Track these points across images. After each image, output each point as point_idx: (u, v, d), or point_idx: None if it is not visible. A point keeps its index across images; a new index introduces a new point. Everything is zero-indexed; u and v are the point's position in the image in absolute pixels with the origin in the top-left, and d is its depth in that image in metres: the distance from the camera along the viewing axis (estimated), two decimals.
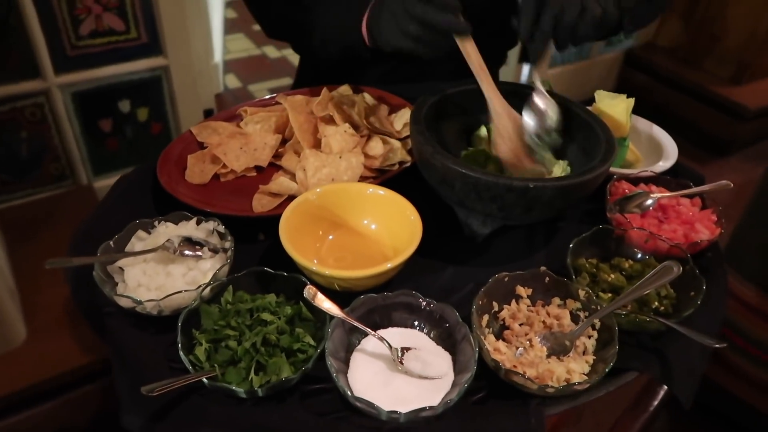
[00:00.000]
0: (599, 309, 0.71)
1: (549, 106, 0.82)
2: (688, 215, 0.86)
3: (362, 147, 0.93)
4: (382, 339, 0.67)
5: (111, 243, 0.75)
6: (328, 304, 0.67)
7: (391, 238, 0.82)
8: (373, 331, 0.68)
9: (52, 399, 1.48)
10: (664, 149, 1.00)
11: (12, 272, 1.64)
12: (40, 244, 1.72)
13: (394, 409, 0.60)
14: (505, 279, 0.74)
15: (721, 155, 2.84)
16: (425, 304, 0.71)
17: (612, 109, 0.95)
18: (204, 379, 0.62)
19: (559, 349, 0.70)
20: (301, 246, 0.75)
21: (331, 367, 0.63)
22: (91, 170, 2.04)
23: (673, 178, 0.92)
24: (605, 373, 0.65)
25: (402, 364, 0.66)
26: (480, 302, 0.71)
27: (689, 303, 0.73)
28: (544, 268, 0.75)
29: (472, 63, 0.81)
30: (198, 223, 0.80)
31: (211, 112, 2.70)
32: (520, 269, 0.75)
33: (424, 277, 0.80)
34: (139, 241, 0.78)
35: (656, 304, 0.75)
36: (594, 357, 0.69)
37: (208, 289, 0.70)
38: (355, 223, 0.84)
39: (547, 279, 0.75)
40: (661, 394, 1.29)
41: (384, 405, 0.60)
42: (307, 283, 0.69)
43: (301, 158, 0.90)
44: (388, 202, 0.82)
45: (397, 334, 0.70)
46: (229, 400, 0.63)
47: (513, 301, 0.75)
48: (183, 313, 0.67)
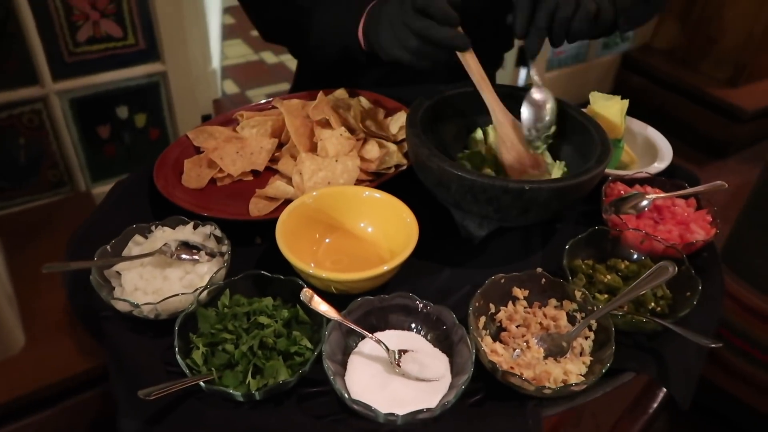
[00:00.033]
0: (596, 310, 0.71)
1: (547, 99, 0.83)
2: (684, 216, 0.87)
3: (358, 150, 0.94)
4: (379, 341, 0.67)
5: (108, 247, 0.75)
6: (325, 307, 0.67)
7: (388, 240, 0.82)
8: (370, 334, 0.68)
9: (51, 406, 1.48)
10: (659, 150, 1.00)
11: (10, 278, 1.64)
12: (38, 250, 1.72)
13: (391, 412, 0.60)
14: (502, 280, 0.74)
15: (718, 157, 2.85)
16: (422, 306, 0.71)
17: (606, 111, 0.95)
18: (201, 383, 0.62)
19: (556, 351, 0.70)
20: (298, 249, 0.76)
21: (328, 369, 0.63)
22: (89, 176, 2.04)
23: (668, 179, 0.92)
24: (602, 374, 0.65)
25: (399, 366, 0.66)
26: (476, 304, 0.71)
27: (685, 303, 0.73)
28: (540, 270, 0.76)
29: (473, 74, 0.81)
30: (195, 227, 0.80)
31: (209, 118, 2.70)
32: (517, 271, 0.75)
33: (421, 280, 0.80)
34: (136, 246, 0.78)
35: (652, 304, 0.75)
36: (591, 358, 0.70)
37: (205, 293, 0.70)
38: (351, 226, 0.84)
39: (544, 280, 0.76)
40: (661, 395, 1.29)
41: (381, 407, 0.60)
42: (304, 286, 0.69)
43: (297, 162, 0.90)
44: (384, 205, 0.82)
45: (394, 337, 0.70)
46: (226, 404, 0.64)
47: (510, 303, 0.75)
48: (180, 316, 0.67)
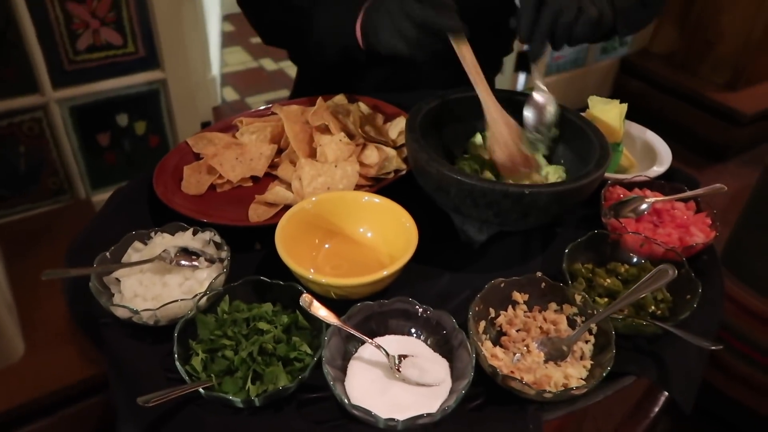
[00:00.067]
0: (596, 313, 0.71)
1: (548, 102, 0.85)
2: (683, 219, 0.87)
3: (358, 156, 0.94)
4: (379, 347, 0.67)
5: (107, 254, 0.75)
6: (324, 312, 0.67)
7: (387, 245, 0.82)
8: (369, 339, 0.68)
9: (51, 414, 1.47)
10: (658, 154, 1.01)
11: (10, 287, 1.64)
12: (38, 258, 1.72)
13: (391, 417, 0.60)
14: (501, 285, 0.74)
15: (718, 160, 2.85)
16: (422, 311, 0.71)
17: (605, 115, 0.95)
18: (200, 389, 0.62)
19: (556, 355, 0.70)
20: (298, 255, 0.76)
21: (328, 375, 0.63)
22: (89, 184, 2.04)
23: (667, 182, 0.92)
24: (603, 378, 0.65)
25: (399, 371, 0.66)
26: (476, 308, 0.71)
27: (686, 306, 0.73)
28: (540, 274, 0.75)
29: (467, 65, 0.81)
30: (194, 234, 0.80)
31: (208, 125, 2.71)
32: (517, 275, 0.75)
33: (421, 284, 0.80)
34: (136, 252, 0.78)
35: (653, 307, 0.75)
36: (591, 362, 0.69)
37: (205, 299, 0.70)
38: (351, 231, 0.84)
39: (543, 284, 0.75)
40: (662, 399, 1.29)
41: (381, 413, 0.60)
42: (303, 292, 0.69)
43: (296, 167, 0.90)
44: (383, 210, 0.82)
45: (394, 342, 0.70)
46: (226, 410, 0.63)
47: (509, 307, 0.75)
48: (179, 323, 0.67)
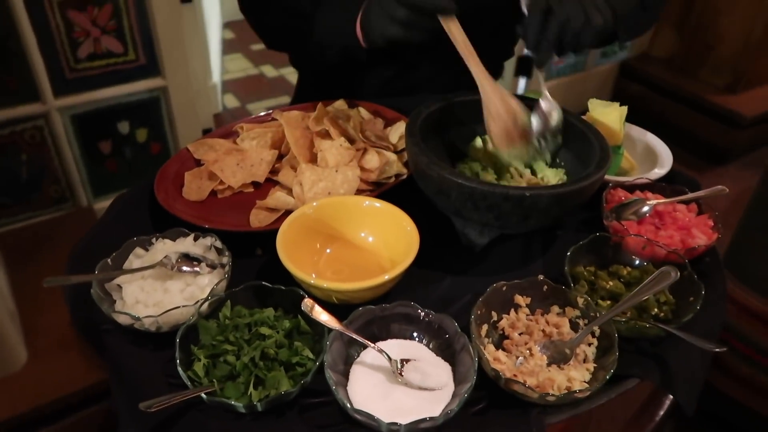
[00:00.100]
0: (598, 316, 0.71)
1: (553, 109, 0.85)
2: (685, 221, 0.86)
3: (358, 160, 0.94)
4: (381, 351, 0.67)
5: (109, 261, 0.75)
6: (326, 317, 0.67)
7: (389, 249, 0.82)
8: (371, 343, 0.67)
9: (53, 422, 1.47)
10: (658, 156, 1.00)
11: (12, 295, 1.64)
12: (40, 266, 1.72)
13: (394, 421, 0.60)
14: (503, 288, 0.74)
15: (719, 164, 2.85)
16: (423, 314, 0.71)
17: (605, 117, 0.95)
18: (202, 395, 0.62)
19: (559, 358, 0.70)
20: (299, 260, 0.75)
21: (330, 379, 0.62)
22: (90, 192, 2.04)
23: (668, 184, 0.92)
24: (606, 381, 0.65)
25: (401, 375, 0.66)
26: (478, 312, 0.71)
27: (688, 308, 0.73)
28: (541, 277, 0.75)
29: (458, 43, 0.82)
30: (195, 239, 0.80)
31: (209, 132, 2.72)
32: (518, 278, 0.75)
33: (423, 289, 0.80)
34: (137, 259, 0.78)
35: (656, 310, 0.75)
36: (594, 364, 0.69)
37: (206, 305, 0.70)
38: (352, 236, 0.84)
39: (546, 287, 0.75)
40: (667, 403, 1.28)
41: (384, 417, 0.60)
42: (305, 296, 0.69)
43: (297, 173, 0.91)
44: (384, 214, 0.82)
45: (396, 346, 0.70)
46: (228, 415, 0.63)
47: (512, 311, 0.75)
48: (181, 328, 0.67)
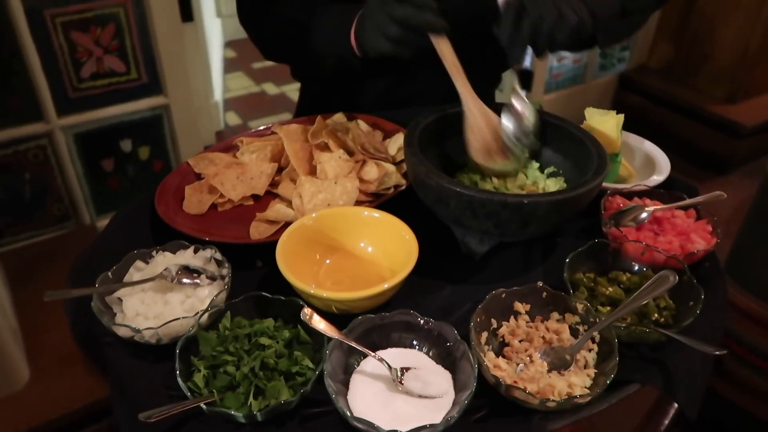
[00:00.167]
0: (598, 322, 0.70)
1: (526, 109, 0.86)
2: (684, 226, 0.86)
3: (357, 172, 0.94)
4: (381, 360, 0.67)
5: (109, 274, 0.75)
6: (325, 326, 0.67)
7: (388, 259, 0.82)
8: (371, 352, 0.67)
9: None
10: (656, 163, 1.01)
11: (15, 313, 1.64)
12: (43, 284, 1.72)
13: (394, 429, 0.60)
14: (503, 295, 0.74)
15: (719, 173, 2.86)
16: (423, 322, 0.71)
17: (602, 126, 0.96)
18: (202, 405, 0.61)
19: (559, 364, 0.69)
20: (299, 271, 0.76)
21: (330, 388, 0.62)
22: (93, 209, 2.05)
23: (666, 191, 0.93)
24: (607, 386, 0.64)
25: (402, 384, 0.66)
26: (478, 319, 0.71)
27: (688, 313, 0.73)
28: (541, 283, 0.75)
29: (446, 60, 0.84)
30: (195, 252, 0.81)
31: None
32: (518, 286, 0.75)
33: (422, 298, 0.80)
34: (137, 272, 0.78)
35: (656, 315, 0.75)
36: (595, 370, 0.69)
37: (206, 316, 0.70)
38: (351, 247, 0.85)
39: (545, 294, 0.75)
40: (671, 412, 1.27)
41: (384, 425, 0.60)
42: (304, 306, 0.69)
43: (297, 185, 0.91)
44: (383, 224, 0.83)
45: (396, 354, 0.70)
46: (228, 426, 0.63)
47: (511, 318, 0.75)
48: (181, 340, 0.67)
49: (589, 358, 0.70)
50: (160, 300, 0.74)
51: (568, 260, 0.79)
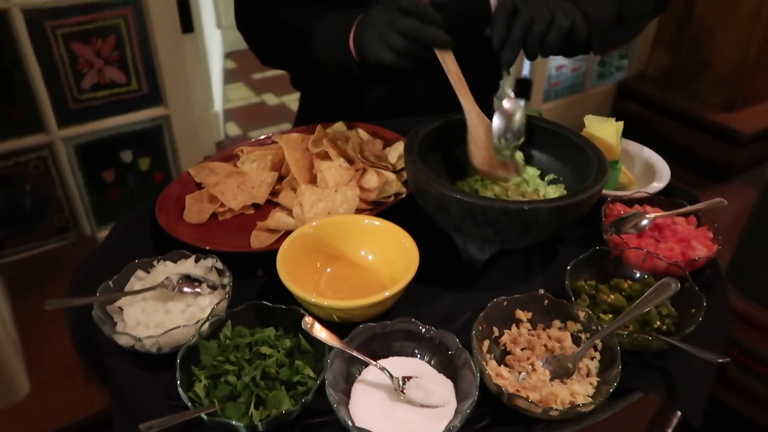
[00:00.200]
0: (600, 330, 0.70)
1: (516, 109, 0.86)
2: (685, 233, 0.86)
3: (358, 180, 0.94)
4: (382, 368, 0.67)
5: (110, 283, 0.75)
6: (325, 334, 0.67)
7: (389, 267, 0.82)
8: (373, 361, 0.67)
9: None
10: (656, 170, 1.01)
11: (15, 324, 1.64)
12: (43, 296, 1.71)
13: None
14: (504, 303, 0.74)
15: (719, 181, 2.86)
16: (424, 331, 0.70)
17: (602, 133, 0.96)
18: (203, 415, 0.61)
19: (562, 372, 0.69)
20: (300, 279, 0.76)
21: (331, 397, 0.62)
22: (94, 221, 2.05)
23: (667, 198, 0.93)
24: (609, 394, 0.64)
25: (403, 393, 0.65)
26: (480, 327, 0.70)
27: (691, 320, 0.73)
28: (542, 291, 0.75)
29: (451, 74, 0.85)
30: (196, 261, 0.80)
31: None
32: (519, 293, 0.75)
33: (423, 306, 0.80)
34: (138, 281, 0.78)
35: (658, 323, 0.75)
36: (598, 378, 0.69)
37: (207, 325, 0.70)
38: (352, 255, 0.85)
39: (547, 302, 0.75)
40: (675, 421, 1.26)
41: None
42: (305, 315, 0.69)
43: (297, 194, 0.91)
44: (384, 233, 0.83)
45: (398, 363, 0.69)
46: None
47: (513, 326, 0.74)
48: (182, 349, 0.67)
49: (592, 366, 0.70)
50: (161, 309, 0.74)
51: (569, 268, 0.79)
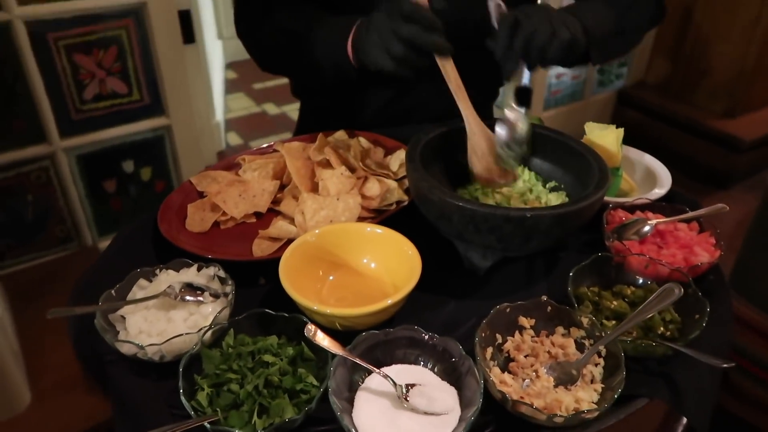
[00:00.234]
0: (604, 336, 0.70)
1: (519, 119, 0.86)
2: (687, 239, 0.86)
3: (359, 188, 0.95)
4: (386, 376, 0.67)
5: (112, 292, 0.75)
6: (329, 342, 0.67)
7: (391, 275, 0.82)
8: (376, 369, 0.67)
9: None
10: (657, 177, 1.01)
11: (17, 335, 1.63)
12: (45, 306, 1.71)
13: None
14: (507, 310, 0.74)
15: (720, 188, 2.86)
16: (428, 338, 0.70)
17: (602, 140, 0.96)
18: (206, 424, 0.61)
19: (566, 379, 0.69)
20: (302, 287, 0.75)
21: (334, 405, 0.62)
22: (95, 231, 2.06)
23: (668, 204, 0.93)
24: (614, 401, 0.64)
25: (407, 400, 0.65)
26: (483, 334, 0.70)
27: (694, 326, 0.72)
28: (545, 297, 0.75)
29: (450, 82, 0.85)
30: (199, 270, 0.80)
31: None
32: (522, 300, 0.75)
33: (426, 314, 0.79)
34: (141, 290, 0.78)
35: (662, 329, 0.74)
36: (602, 385, 0.68)
37: (210, 333, 0.70)
38: (354, 263, 0.84)
39: (550, 308, 0.75)
40: (680, 429, 1.25)
41: None
42: (308, 323, 0.69)
43: (299, 202, 0.91)
44: (386, 240, 0.83)
45: (401, 371, 0.69)
46: None
47: (516, 333, 0.74)
48: (184, 357, 0.66)
49: (596, 372, 0.70)
50: (164, 317, 0.74)
51: (571, 274, 0.79)
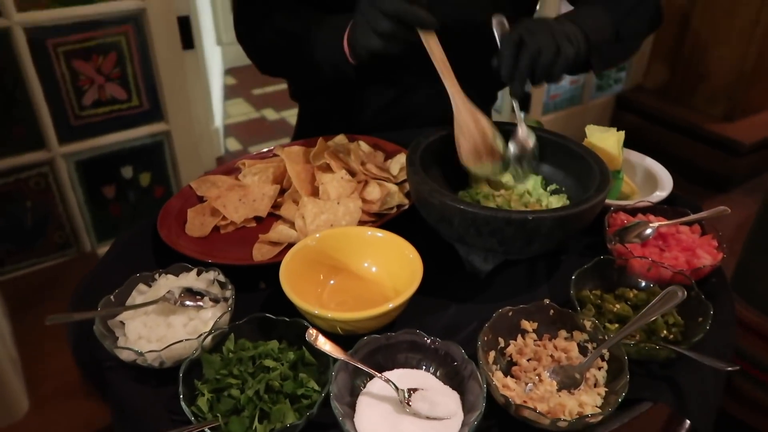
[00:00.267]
0: (607, 339, 0.70)
1: (529, 136, 0.89)
2: (689, 242, 0.86)
3: (360, 192, 0.94)
4: (387, 381, 0.66)
5: (111, 297, 0.75)
6: (330, 347, 0.66)
7: (392, 279, 0.82)
8: (378, 373, 0.66)
9: None
10: (658, 180, 1.01)
11: (15, 342, 1.63)
12: (44, 313, 1.71)
13: None
14: (510, 313, 0.73)
15: (720, 191, 2.86)
16: (429, 342, 0.70)
17: (603, 143, 0.96)
18: (207, 430, 0.60)
19: (569, 383, 0.68)
20: (302, 292, 0.75)
21: (336, 410, 0.61)
22: (94, 237, 2.05)
23: (670, 206, 0.92)
24: (618, 405, 0.63)
25: (409, 405, 0.65)
26: (485, 338, 0.70)
27: (698, 329, 0.72)
28: (548, 301, 0.75)
29: (435, 58, 0.85)
30: (198, 274, 0.80)
31: None
32: (524, 304, 0.74)
33: (428, 317, 0.79)
34: (140, 295, 0.77)
35: (665, 332, 0.74)
36: (605, 389, 0.68)
37: (210, 338, 0.69)
38: (355, 267, 0.84)
39: (552, 312, 0.74)
40: None
41: None
42: (309, 327, 0.69)
43: (299, 206, 0.91)
44: (387, 244, 0.82)
45: (403, 375, 0.69)
46: None
47: (519, 336, 0.74)
48: (184, 362, 0.66)
49: (599, 376, 0.69)
50: (163, 323, 0.73)
51: (574, 277, 0.78)
